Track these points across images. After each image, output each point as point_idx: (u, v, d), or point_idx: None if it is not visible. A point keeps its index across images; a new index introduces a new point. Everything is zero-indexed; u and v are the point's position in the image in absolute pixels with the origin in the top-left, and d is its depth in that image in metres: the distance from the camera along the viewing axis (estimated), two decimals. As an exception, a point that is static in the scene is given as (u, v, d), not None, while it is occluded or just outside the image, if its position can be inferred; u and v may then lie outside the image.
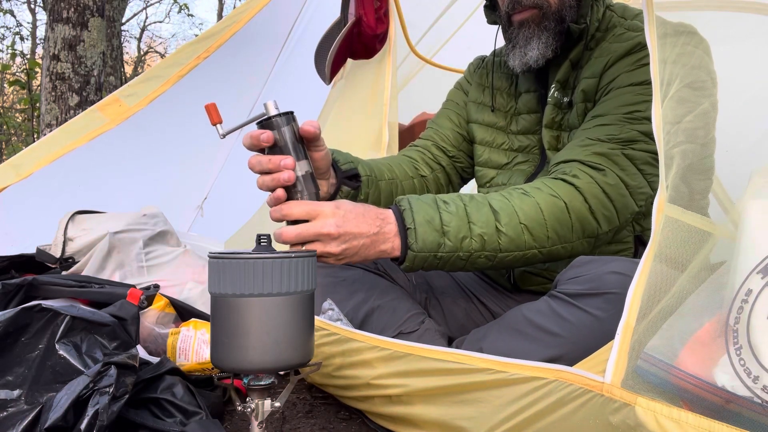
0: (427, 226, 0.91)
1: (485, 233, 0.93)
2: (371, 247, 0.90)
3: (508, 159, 1.26)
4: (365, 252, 0.90)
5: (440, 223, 0.92)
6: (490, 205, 0.95)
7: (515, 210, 0.95)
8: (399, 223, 0.92)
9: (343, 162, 1.10)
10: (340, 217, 0.86)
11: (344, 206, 0.88)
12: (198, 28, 17.99)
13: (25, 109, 7.23)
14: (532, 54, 1.13)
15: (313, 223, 0.85)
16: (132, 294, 1.20)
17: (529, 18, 1.13)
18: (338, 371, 1.01)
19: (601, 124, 1.03)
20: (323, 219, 0.85)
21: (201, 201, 2.52)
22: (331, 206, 0.87)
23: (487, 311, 1.24)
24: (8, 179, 1.60)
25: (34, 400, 0.82)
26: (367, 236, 0.89)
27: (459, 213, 0.93)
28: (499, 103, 1.29)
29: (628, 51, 1.07)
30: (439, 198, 0.95)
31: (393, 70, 1.74)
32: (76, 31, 3.66)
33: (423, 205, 0.93)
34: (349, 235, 0.87)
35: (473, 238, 0.93)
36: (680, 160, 0.76)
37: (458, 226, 0.92)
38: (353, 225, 0.87)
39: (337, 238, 0.86)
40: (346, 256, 0.88)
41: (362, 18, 1.70)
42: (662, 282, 0.71)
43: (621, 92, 1.05)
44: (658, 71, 0.78)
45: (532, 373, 0.77)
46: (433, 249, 0.91)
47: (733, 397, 0.63)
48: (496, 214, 0.94)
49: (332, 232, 0.85)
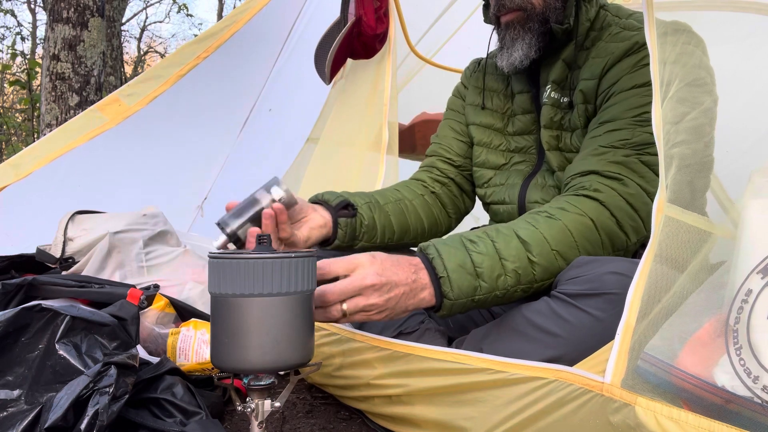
0: (460, 272, 0.88)
1: (519, 267, 0.91)
2: (410, 295, 0.87)
3: (505, 160, 1.27)
4: (405, 302, 0.86)
5: (473, 266, 0.89)
6: (518, 237, 0.93)
7: (545, 238, 0.93)
8: (429, 270, 0.89)
9: (333, 199, 1.12)
10: (378, 265, 0.84)
11: (379, 256, 0.86)
12: (198, 28, 17.99)
13: (25, 109, 7.23)
14: (516, 55, 1.15)
15: (352, 278, 0.83)
16: (132, 294, 1.20)
17: (514, 19, 1.15)
18: (338, 371, 1.01)
19: (612, 130, 1.02)
20: (362, 270, 0.83)
21: (201, 201, 2.52)
22: (367, 257, 0.85)
23: (488, 311, 1.24)
24: (8, 179, 1.60)
25: (34, 400, 0.82)
26: (405, 284, 0.86)
27: (489, 252, 0.91)
28: (495, 105, 1.30)
29: (627, 51, 1.07)
30: (465, 238, 0.93)
31: (393, 70, 1.73)
32: (76, 31, 3.66)
33: (451, 249, 0.90)
34: (390, 284, 0.84)
35: (508, 274, 0.90)
36: (680, 160, 0.76)
37: (491, 266, 0.90)
38: (392, 273, 0.85)
39: (379, 289, 0.83)
40: (388, 307, 0.85)
41: (362, 18, 1.70)
42: (662, 282, 0.71)
43: (626, 96, 1.04)
44: (658, 71, 0.78)
45: (532, 373, 0.77)
46: (469, 294, 0.89)
47: (733, 397, 0.63)
48: (526, 245, 0.92)
49: (375, 282, 0.83)
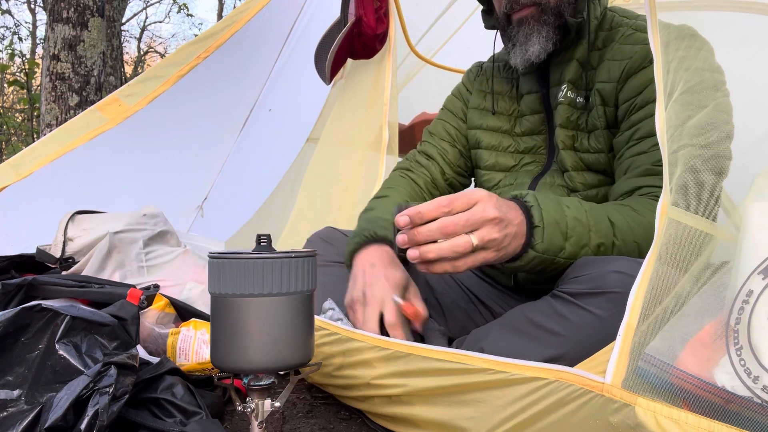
0: (554, 228, 0.87)
1: (602, 245, 0.90)
2: (516, 238, 0.85)
3: (515, 161, 1.27)
4: (513, 243, 0.85)
5: (566, 227, 0.88)
6: (608, 217, 0.92)
7: (631, 227, 0.92)
8: (527, 217, 0.87)
9: (389, 235, 1.08)
10: (495, 200, 0.83)
11: (492, 194, 0.85)
12: (198, 28, 17.99)
13: (24, 109, 7.23)
14: (533, 49, 1.14)
15: (474, 209, 0.81)
16: (132, 294, 1.19)
17: (528, 15, 1.14)
18: (338, 371, 1.01)
19: (656, 145, 1.02)
20: (483, 204, 0.82)
21: (201, 201, 2.52)
22: (484, 192, 0.84)
23: (488, 311, 1.24)
24: (8, 179, 1.60)
25: (34, 400, 0.82)
26: (516, 224, 0.84)
27: (582, 219, 0.90)
28: (501, 107, 1.30)
29: (647, 57, 1.07)
30: (561, 200, 0.92)
31: (393, 70, 1.73)
32: (76, 31, 3.66)
33: (550, 204, 0.89)
34: (506, 220, 0.83)
35: (590, 246, 0.90)
36: (685, 162, 0.76)
37: (581, 234, 0.89)
38: (506, 210, 0.83)
39: (498, 223, 0.82)
40: (504, 245, 0.83)
41: (362, 18, 1.70)
42: (664, 283, 0.71)
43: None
44: (662, 74, 0.78)
45: (532, 373, 0.77)
46: (555, 252, 0.88)
47: (733, 397, 0.63)
48: (615, 227, 0.92)
49: (496, 215, 0.81)
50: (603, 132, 1.12)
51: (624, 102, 1.09)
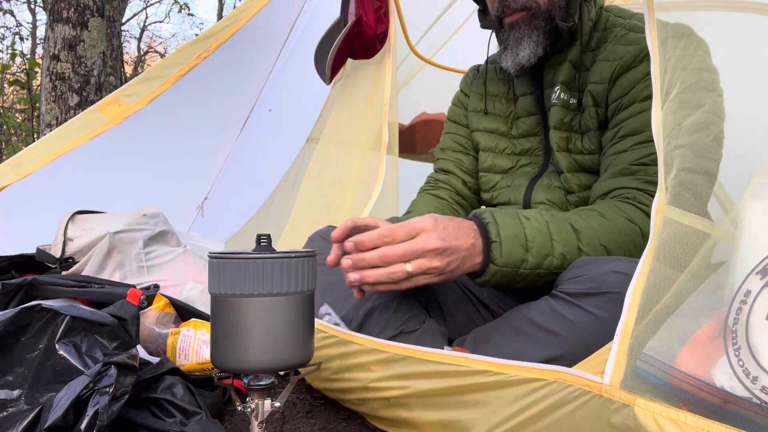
0: (512, 241, 0.89)
1: (567, 252, 0.92)
2: (467, 260, 0.88)
3: (512, 163, 1.27)
4: (462, 266, 0.88)
5: (525, 239, 0.90)
6: (570, 224, 0.94)
7: (595, 231, 0.94)
8: (483, 235, 0.89)
9: None
10: (441, 230, 0.85)
11: (441, 220, 0.87)
12: (198, 28, 18.00)
13: (25, 109, 7.23)
14: (523, 54, 1.15)
15: (416, 240, 0.84)
16: (132, 294, 1.20)
17: (519, 19, 1.15)
18: (336, 374, 1.01)
19: (638, 143, 1.03)
20: (426, 234, 0.84)
21: (201, 201, 2.52)
22: (430, 221, 0.86)
23: (488, 311, 1.24)
24: (8, 179, 1.60)
25: (34, 400, 0.82)
26: (465, 249, 0.87)
27: (542, 230, 0.92)
28: (498, 109, 1.30)
29: (636, 57, 1.07)
30: (520, 213, 0.94)
31: (393, 70, 1.73)
32: (76, 31, 3.65)
33: (507, 218, 0.91)
34: (451, 248, 0.85)
35: (555, 256, 0.91)
36: (681, 162, 0.76)
37: (542, 244, 0.91)
38: (453, 237, 0.86)
39: (441, 253, 0.84)
40: (447, 271, 0.86)
41: (362, 18, 1.70)
42: (661, 283, 0.71)
43: (643, 107, 1.05)
44: (659, 74, 0.78)
45: (531, 374, 0.77)
46: (516, 265, 0.90)
47: (731, 397, 0.63)
48: (578, 233, 0.93)
49: (439, 245, 0.84)
50: (596, 133, 1.13)
51: (612, 102, 1.10)
